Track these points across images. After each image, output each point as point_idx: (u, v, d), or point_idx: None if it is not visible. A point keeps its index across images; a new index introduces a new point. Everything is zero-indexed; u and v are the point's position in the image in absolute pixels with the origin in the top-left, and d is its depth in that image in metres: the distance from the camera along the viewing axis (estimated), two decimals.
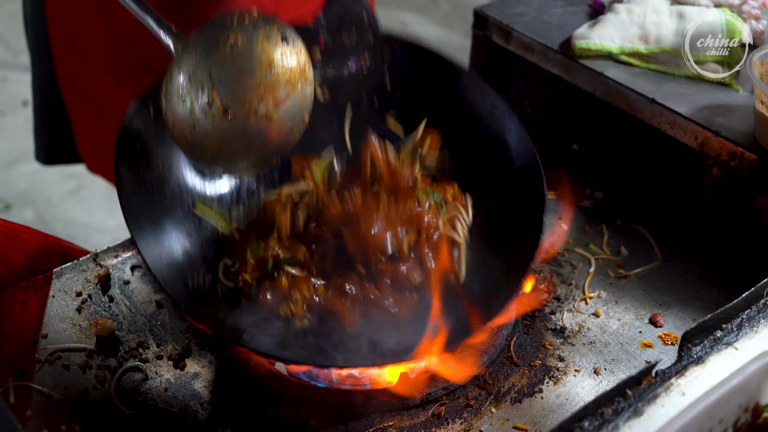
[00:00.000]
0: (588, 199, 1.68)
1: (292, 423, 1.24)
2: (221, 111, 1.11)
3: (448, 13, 5.16)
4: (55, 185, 3.69)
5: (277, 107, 1.15)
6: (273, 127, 1.15)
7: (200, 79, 1.11)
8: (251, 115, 1.13)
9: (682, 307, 1.46)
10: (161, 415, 1.25)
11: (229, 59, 1.11)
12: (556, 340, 1.40)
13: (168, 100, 1.15)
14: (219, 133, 1.13)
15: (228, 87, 1.11)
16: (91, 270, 1.48)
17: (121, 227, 1.28)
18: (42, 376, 1.29)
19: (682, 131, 1.53)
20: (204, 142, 1.14)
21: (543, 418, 1.27)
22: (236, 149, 1.16)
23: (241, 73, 1.11)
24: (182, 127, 1.14)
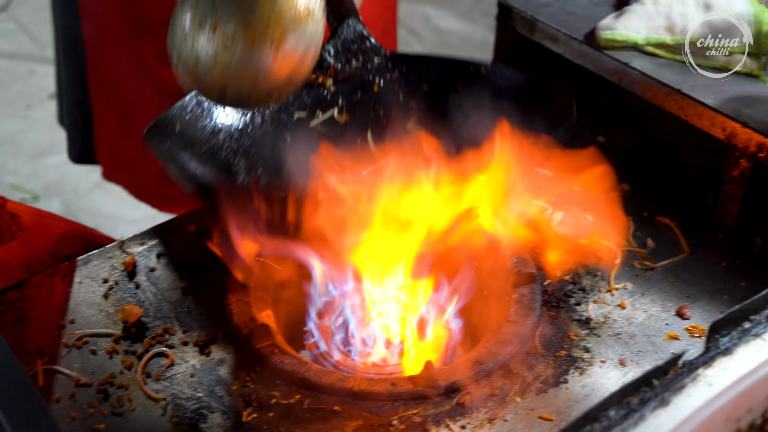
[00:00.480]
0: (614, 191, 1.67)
1: (316, 409, 1.24)
2: (224, 42, 1.13)
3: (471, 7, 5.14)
4: (82, 177, 3.72)
5: (283, 39, 1.16)
6: (279, 58, 1.17)
7: (203, 11, 1.13)
8: (255, 47, 1.14)
9: (710, 299, 1.45)
10: (187, 399, 1.26)
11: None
12: (582, 331, 1.39)
13: (172, 38, 1.17)
14: (223, 66, 1.15)
15: (231, 18, 1.12)
16: (117, 257, 1.49)
17: (146, 218, 1.29)
18: (69, 361, 1.31)
19: (710, 122, 1.52)
20: (209, 75, 1.16)
21: (568, 408, 1.26)
22: (242, 82, 1.17)
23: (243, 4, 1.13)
24: (187, 61, 1.16)
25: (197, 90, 1.24)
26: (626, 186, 1.68)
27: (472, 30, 4.91)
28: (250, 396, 1.26)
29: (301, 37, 1.19)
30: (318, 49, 1.25)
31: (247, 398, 1.26)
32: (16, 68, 4.60)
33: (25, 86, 4.43)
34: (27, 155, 3.93)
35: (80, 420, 1.21)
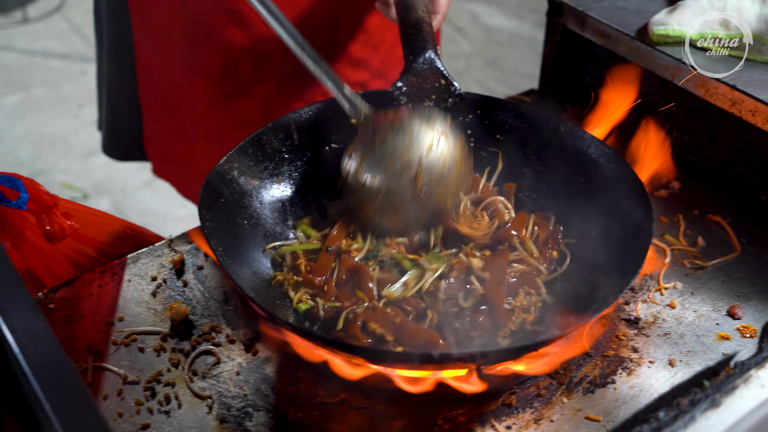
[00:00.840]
0: (664, 188, 1.64)
1: (361, 408, 1.24)
2: (418, 189, 1.39)
3: (519, 4, 5.11)
4: (131, 175, 3.77)
5: (457, 194, 1.46)
6: (446, 206, 1.44)
7: (409, 160, 1.38)
8: (437, 198, 1.41)
9: (762, 299, 1.42)
10: (233, 398, 1.26)
11: (437, 153, 1.40)
12: (630, 331, 1.37)
13: (366, 161, 1.40)
14: (404, 203, 1.40)
15: (431, 173, 1.39)
16: (165, 255, 1.51)
17: (193, 216, 1.31)
18: (118, 358, 1.32)
19: (764, 119, 1.49)
20: (389, 205, 1.40)
21: (615, 409, 1.25)
22: (408, 216, 1.42)
23: (444, 165, 1.40)
24: (373, 187, 1.39)
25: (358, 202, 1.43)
26: (677, 184, 1.66)
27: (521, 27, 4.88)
28: (295, 395, 1.27)
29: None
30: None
31: (292, 397, 1.26)
32: (69, 68, 4.68)
33: (76, 86, 4.51)
34: (77, 154, 3.99)
35: (127, 417, 1.23)
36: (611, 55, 1.73)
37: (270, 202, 1.47)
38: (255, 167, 1.45)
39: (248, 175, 1.43)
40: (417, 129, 1.40)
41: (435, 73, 1.49)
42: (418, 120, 1.42)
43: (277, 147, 1.48)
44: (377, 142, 1.41)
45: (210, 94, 1.88)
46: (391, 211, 1.41)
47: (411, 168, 1.38)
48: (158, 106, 2.03)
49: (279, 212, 1.47)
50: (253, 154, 1.45)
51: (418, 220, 1.44)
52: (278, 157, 1.49)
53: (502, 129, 1.55)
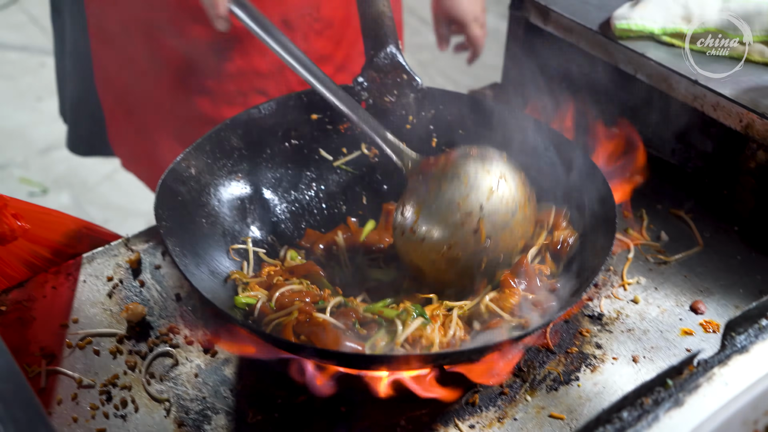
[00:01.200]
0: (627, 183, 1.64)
1: (322, 410, 1.22)
2: (482, 240, 1.28)
3: None
4: (92, 170, 3.71)
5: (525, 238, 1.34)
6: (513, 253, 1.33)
7: (470, 208, 1.28)
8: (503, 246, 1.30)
9: (724, 294, 1.42)
10: (191, 400, 1.24)
11: (497, 198, 1.29)
12: (594, 327, 1.36)
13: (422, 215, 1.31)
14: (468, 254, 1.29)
15: (494, 220, 1.28)
16: (122, 255, 1.47)
17: None
18: (72, 361, 1.29)
19: (726, 114, 1.49)
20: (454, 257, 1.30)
21: (579, 406, 1.24)
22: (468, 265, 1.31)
23: (507, 212, 1.29)
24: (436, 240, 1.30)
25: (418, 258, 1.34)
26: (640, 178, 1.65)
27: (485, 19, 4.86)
28: (255, 397, 1.24)
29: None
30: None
31: (252, 399, 1.24)
32: (27, 61, 4.59)
33: (35, 79, 4.43)
34: (36, 148, 3.92)
35: (82, 423, 1.20)
36: (575, 50, 1.72)
37: (229, 200, 1.44)
38: (213, 165, 1.42)
39: (206, 173, 1.40)
40: (473, 173, 1.30)
41: (397, 68, 1.48)
42: (472, 162, 1.32)
43: (235, 144, 1.45)
44: (431, 192, 1.32)
45: (175, 92, 1.85)
46: (454, 265, 1.31)
47: (472, 217, 1.28)
48: (120, 107, 1.99)
49: (238, 210, 1.45)
50: (211, 151, 1.42)
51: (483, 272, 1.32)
52: (237, 154, 1.46)
53: (464, 124, 1.54)
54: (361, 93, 1.48)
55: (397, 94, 1.50)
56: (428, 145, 1.55)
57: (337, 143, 1.54)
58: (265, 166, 1.49)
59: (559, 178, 1.42)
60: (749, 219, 1.55)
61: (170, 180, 1.33)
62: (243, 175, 1.47)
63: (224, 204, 1.43)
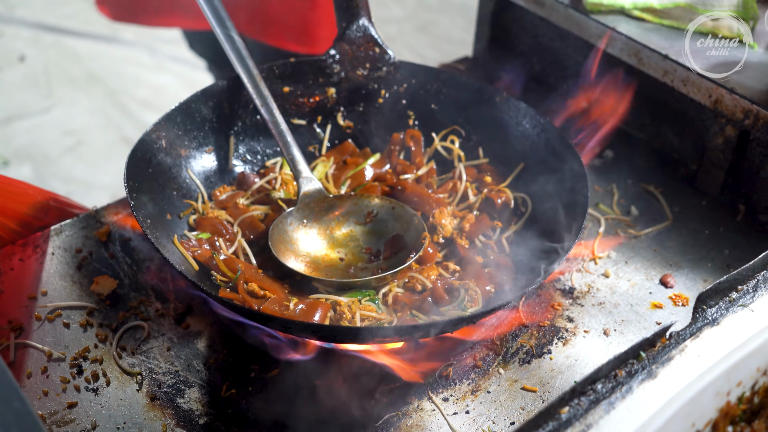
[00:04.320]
0: (598, 158, 1.65)
1: (296, 383, 1.22)
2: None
3: None
4: (54, 141, 3.65)
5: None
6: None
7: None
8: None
9: (693, 267, 1.44)
10: (163, 374, 1.23)
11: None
12: (566, 301, 1.37)
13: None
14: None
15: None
16: (91, 227, 1.45)
17: (119, 185, 1.25)
18: (42, 334, 1.27)
19: (696, 89, 1.50)
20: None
21: (551, 379, 1.25)
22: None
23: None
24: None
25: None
26: (610, 153, 1.66)
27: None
28: (228, 370, 1.23)
29: None
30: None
31: (225, 372, 1.23)
32: None
33: None
34: None
35: (53, 396, 1.18)
36: (545, 24, 1.72)
37: (200, 172, 1.42)
38: (184, 136, 1.40)
39: (177, 145, 1.39)
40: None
41: (369, 41, 1.47)
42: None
43: (206, 115, 1.44)
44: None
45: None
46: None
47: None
48: None
49: (209, 182, 1.43)
50: (182, 122, 1.40)
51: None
52: (208, 126, 1.44)
53: (437, 98, 1.53)
54: (333, 66, 1.47)
55: (370, 67, 1.49)
56: (404, 122, 1.54)
57: (311, 115, 1.53)
58: (237, 138, 1.48)
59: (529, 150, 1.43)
60: (718, 194, 1.56)
61: (140, 152, 1.31)
62: (214, 147, 1.45)
63: (196, 176, 1.41)
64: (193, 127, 1.41)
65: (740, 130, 1.47)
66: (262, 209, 1.40)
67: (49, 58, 4.19)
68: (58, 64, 4.14)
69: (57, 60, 4.17)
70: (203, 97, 1.43)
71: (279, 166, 1.49)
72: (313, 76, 1.48)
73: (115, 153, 3.49)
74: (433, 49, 4.39)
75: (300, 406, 1.19)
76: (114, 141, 3.62)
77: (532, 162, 1.43)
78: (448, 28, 4.57)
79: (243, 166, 1.48)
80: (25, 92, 3.92)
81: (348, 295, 1.28)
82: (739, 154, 1.51)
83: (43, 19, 4.43)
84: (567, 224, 1.29)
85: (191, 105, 1.41)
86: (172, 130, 1.38)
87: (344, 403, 1.19)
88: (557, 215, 1.33)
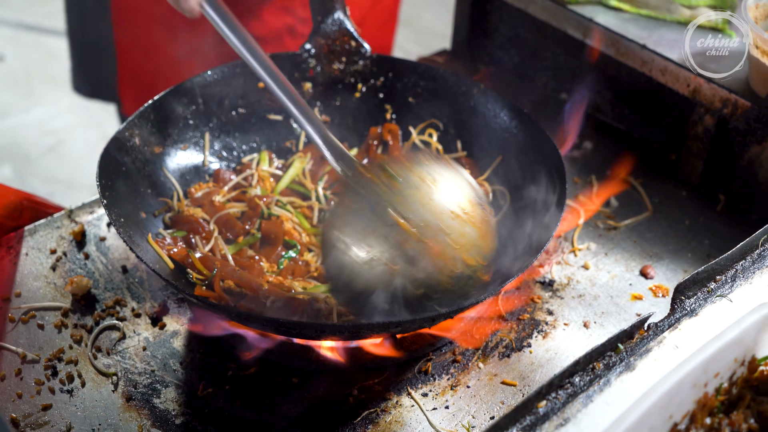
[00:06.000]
0: (577, 149, 1.64)
1: (274, 381, 1.21)
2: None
3: None
4: (34, 142, 3.62)
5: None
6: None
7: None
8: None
9: (673, 258, 1.43)
10: (139, 374, 1.21)
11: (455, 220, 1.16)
12: (545, 294, 1.37)
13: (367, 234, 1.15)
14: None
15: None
16: (65, 227, 1.44)
17: None
18: (16, 336, 1.25)
19: (674, 78, 1.49)
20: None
21: (531, 372, 1.24)
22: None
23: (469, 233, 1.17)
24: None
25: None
26: (589, 144, 1.65)
27: None
28: (205, 369, 1.22)
29: None
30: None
31: (202, 372, 1.22)
32: None
33: None
34: None
35: (27, 399, 1.16)
36: (523, 15, 1.71)
37: (175, 169, 1.41)
38: (158, 134, 1.38)
39: (151, 143, 1.37)
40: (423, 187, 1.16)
41: (345, 34, 1.46)
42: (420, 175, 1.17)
43: (180, 112, 1.42)
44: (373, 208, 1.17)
45: (195, 33, 1.79)
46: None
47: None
48: (137, 47, 1.96)
49: (185, 180, 1.42)
50: (155, 120, 1.38)
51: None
52: (182, 123, 1.42)
53: (414, 92, 1.52)
54: (309, 60, 1.46)
55: (346, 61, 1.48)
56: (382, 117, 1.53)
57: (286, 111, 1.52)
58: (212, 135, 1.46)
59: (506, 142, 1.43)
60: (697, 184, 1.56)
61: (113, 149, 1.29)
62: (189, 144, 1.44)
63: (170, 174, 1.39)
64: (167, 125, 1.40)
65: (719, 119, 1.46)
66: (239, 207, 1.39)
67: (29, 57, 4.16)
68: (38, 64, 4.10)
69: (37, 59, 4.14)
70: (177, 94, 1.41)
71: (255, 163, 1.48)
72: (288, 71, 1.46)
73: (97, 153, 3.42)
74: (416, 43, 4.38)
75: (278, 404, 1.18)
76: (95, 140, 3.59)
77: (510, 154, 1.42)
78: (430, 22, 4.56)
79: (219, 163, 1.47)
80: (4, 92, 3.89)
81: (320, 288, 1.27)
82: (718, 144, 1.50)
83: (23, 19, 4.40)
84: (545, 216, 1.28)
85: (165, 102, 1.40)
86: (145, 128, 1.36)
87: (322, 399, 1.18)
88: (536, 207, 1.32)
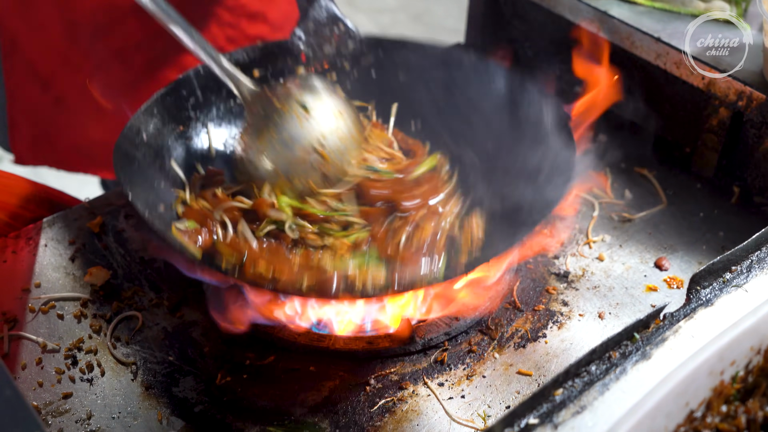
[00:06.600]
0: (591, 141, 1.64)
1: (292, 370, 1.22)
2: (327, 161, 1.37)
3: None
4: None
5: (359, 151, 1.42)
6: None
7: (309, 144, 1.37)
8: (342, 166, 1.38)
9: (688, 250, 1.44)
10: (158, 363, 1.22)
11: (333, 129, 1.39)
12: (560, 285, 1.37)
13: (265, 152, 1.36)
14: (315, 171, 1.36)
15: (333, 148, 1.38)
16: (83, 218, 1.45)
17: None
18: (36, 326, 1.27)
19: (688, 71, 1.49)
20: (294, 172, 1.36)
21: (547, 363, 1.25)
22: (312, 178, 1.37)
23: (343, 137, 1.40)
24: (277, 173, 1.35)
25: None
26: (603, 137, 1.66)
27: None
28: (223, 358, 1.23)
29: None
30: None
31: (220, 361, 1.23)
32: None
33: None
34: None
35: (48, 387, 1.18)
36: (537, 8, 1.71)
37: (183, 162, 1.41)
38: (163, 128, 1.39)
39: (158, 136, 1.37)
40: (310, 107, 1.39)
41: (333, 18, 1.47)
42: (308, 95, 1.39)
43: (182, 105, 1.43)
44: (271, 128, 1.37)
45: (95, 55, 1.79)
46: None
47: (312, 151, 1.36)
48: (31, 80, 1.87)
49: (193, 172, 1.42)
50: (159, 114, 1.39)
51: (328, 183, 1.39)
52: (185, 116, 1.43)
53: (406, 70, 1.53)
54: (300, 46, 1.47)
55: (336, 44, 1.49)
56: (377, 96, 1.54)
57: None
58: (215, 124, 1.48)
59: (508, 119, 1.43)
60: (712, 176, 1.56)
61: (124, 144, 1.30)
62: (194, 135, 1.45)
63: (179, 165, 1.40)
64: (171, 119, 1.40)
65: (733, 111, 1.46)
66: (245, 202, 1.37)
67: None
68: None
69: None
70: (176, 88, 1.42)
71: None
72: (282, 58, 1.48)
73: None
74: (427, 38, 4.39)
75: (295, 393, 1.19)
76: None
77: (507, 116, 1.42)
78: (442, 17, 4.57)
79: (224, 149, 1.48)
80: None
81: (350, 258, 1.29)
82: (732, 136, 1.50)
83: None
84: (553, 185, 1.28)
85: (167, 96, 1.40)
86: (150, 123, 1.37)
87: (339, 388, 1.19)
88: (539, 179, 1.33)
